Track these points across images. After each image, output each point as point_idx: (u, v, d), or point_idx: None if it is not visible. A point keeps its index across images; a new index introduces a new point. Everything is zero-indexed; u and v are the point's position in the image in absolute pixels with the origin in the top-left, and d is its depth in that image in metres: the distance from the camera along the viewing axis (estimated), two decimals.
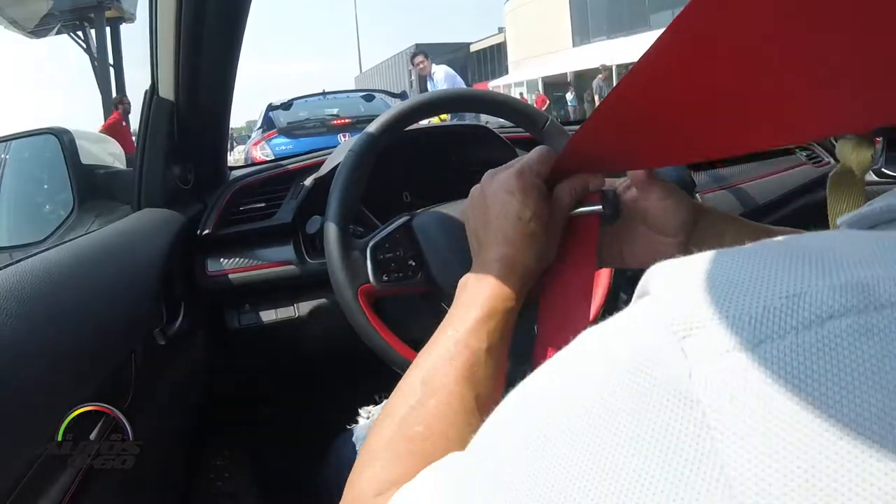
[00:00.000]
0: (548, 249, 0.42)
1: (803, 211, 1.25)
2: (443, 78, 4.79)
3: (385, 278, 0.61)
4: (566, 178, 0.42)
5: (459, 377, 0.35)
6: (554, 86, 16.37)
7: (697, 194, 1.13)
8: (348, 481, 0.32)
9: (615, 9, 16.17)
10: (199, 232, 0.85)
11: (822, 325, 0.14)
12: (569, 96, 12.75)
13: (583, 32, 17.30)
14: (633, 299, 0.21)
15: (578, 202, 0.42)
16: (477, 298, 0.39)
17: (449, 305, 0.62)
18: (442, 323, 0.39)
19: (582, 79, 14.32)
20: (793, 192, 1.30)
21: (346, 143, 0.91)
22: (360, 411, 0.74)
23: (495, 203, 0.41)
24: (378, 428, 0.34)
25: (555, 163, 0.42)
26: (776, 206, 1.28)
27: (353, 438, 0.69)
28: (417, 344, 0.63)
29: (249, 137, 6.24)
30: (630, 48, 12.82)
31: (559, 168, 0.42)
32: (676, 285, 0.18)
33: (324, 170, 0.88)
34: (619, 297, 0.98)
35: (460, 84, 5.00)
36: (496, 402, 0.34)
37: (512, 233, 0.40)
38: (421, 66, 4.80)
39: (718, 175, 1.24)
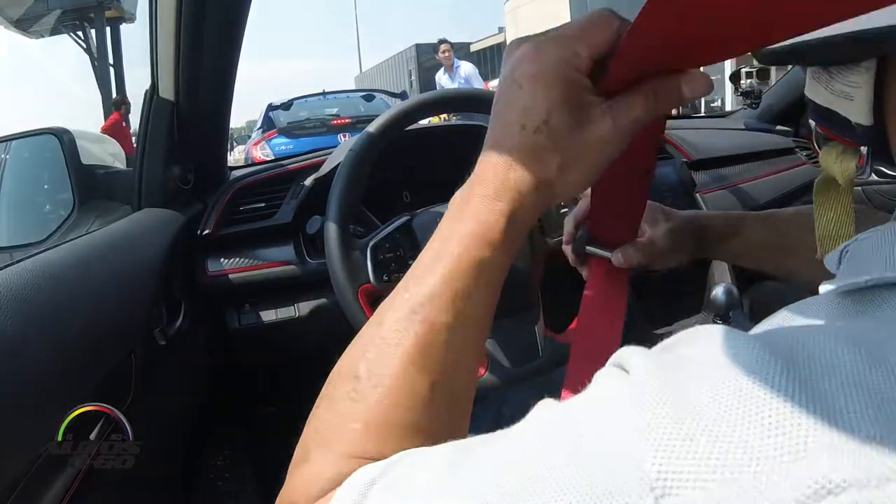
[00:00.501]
0: (566, 176, 0.27)
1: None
2: (471, 72, 4.59)
3: (385, 278, 0.61)
4: (638, 76, 0.27)
5: (410, 362, 0.26)
6: None
7: (697, 194, 1.13)
8: (287, 478, 0.27)
9: (615, 9, 16.15)
10: (199, 232, 0.85)
11: (818, 502, 0.13)
12: None
13: None
14: (609, 365, 0.20)
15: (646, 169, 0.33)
16: (449, 242, 0.27)
17: None
18: (404, 277, 0.29)
19: None
20: (793, 192, 1.30)
21: (347, 143, 0.91)
22: None
23: (503, 92, 0.28)
24: (313, 419, 0.28)
25: (620, 46, 0.26)
26: (776, 205, 1.28)
27: None
28: None
29: (249, 137, 6.24)
30: None
31: (624, 56, 0.26)
32: (659, 408, 0.16)
33: (324, 170, 0.88)
34: None
35: (479, 85, 4.80)
36: (466, 394, 0.28)
37: (509, 142, 0.27)
38: (445, 54, 4.58)
39: (718, 175, 1.24)
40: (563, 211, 0.69)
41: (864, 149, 0.30)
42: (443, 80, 4.68)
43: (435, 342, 0.26)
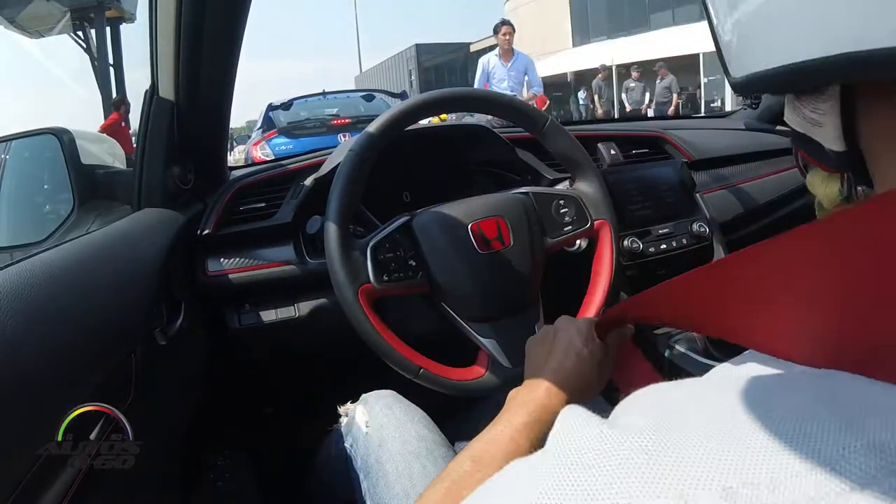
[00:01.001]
0: (595, 382, 0.50)
1: (803, 211, 1.25)
2: (531, 63, 4.14)
3: (385, 278, 0.61)
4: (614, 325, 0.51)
5: (506, 459, 0.39)
6: (553, 86, 16.37)
7: (698, 194, 1.13)
8: None
9: (615, 9, 16.17)
10: (199, 232, 0.85)
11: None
12: (581, 95, 12.64)
13: (583, 32, 17.30)
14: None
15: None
16: (528, 405, 0.46)
17: (448, 305, 0.62)
18: (495, 419, 0.45)
19: (581, 79, 14.32)
20: (793, 192, 1.30)
21: (347, 143, 0.91)
22: (338, 409, 0.74)
23: (563, 339, 0.50)
24: (426, 496, 0.39)
25: (610, 313, 0.50)
26: (776, 205, 1.28)
27: (342, 430, 0.70)
28: (417, 341, 0.63)
29: (249, 137, 6.24)
30: (630, 48, 12.81)
31: (614, 315, 0.49)
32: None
33: (324, 170, 0.88)
34: (619, 297, 0.98)
35: (536, 76, 4.24)
36: None
37: (569, 364, 0.49)
38: (507, 37, 4.03)
39: (719, 175, 1.24)
40: (562, 211, 0.69)
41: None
42: (492, 64, 4.06)
43: (521, 454, 0.41)
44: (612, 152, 1.14)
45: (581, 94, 12.60)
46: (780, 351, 0.22)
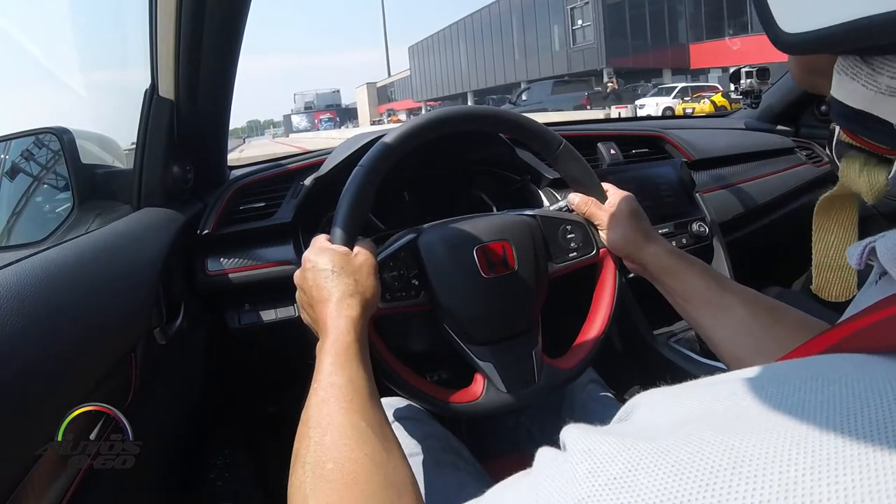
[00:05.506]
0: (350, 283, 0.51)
1: (803, 210, 1.25)
2: None
3: (388, 297, 0.60)
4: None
5: (340, 409, 0.41)
6: None
7: (697, 194, 1.13)
8: None
9: None
10: (199, 231, 0.85)
11: None
12: None
13: None
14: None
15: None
16: (322, 348, 0.47)
17: (448, 326, 0.61)
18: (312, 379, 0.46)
19: None
20: (793, 192, 1.30)
21: (348, 143, 0.90)
22: None
23: (309, 278, 0.53)
24: (294, 477, 0.38)
25: None
26: (776, 205, 1.28)
27: None
28: (412, 356, 0.62)
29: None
30: None
31: None
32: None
33: (323, 169, 0.88)
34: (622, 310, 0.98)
35: None
36: (382, 416, 0.43)
37: (322, 283, 0.52)
38: None
39: (718, 174, 1.24)
40: (569, 237, 0.68)
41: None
42: None
43: (348, 391, 0.43)
44: (612, 152, 1.14)
45: None
46: None
